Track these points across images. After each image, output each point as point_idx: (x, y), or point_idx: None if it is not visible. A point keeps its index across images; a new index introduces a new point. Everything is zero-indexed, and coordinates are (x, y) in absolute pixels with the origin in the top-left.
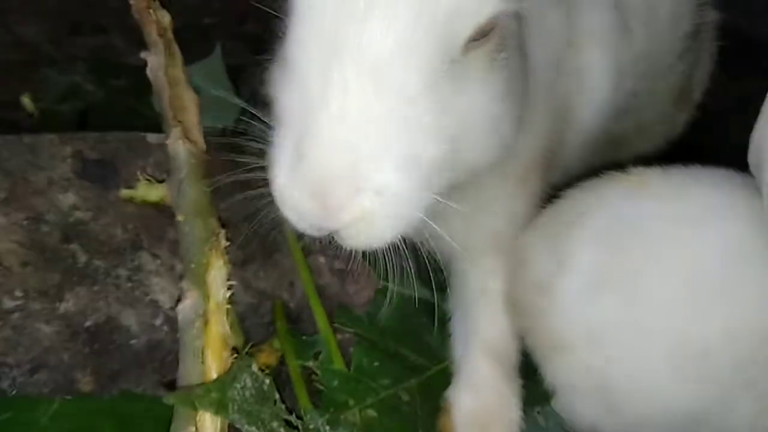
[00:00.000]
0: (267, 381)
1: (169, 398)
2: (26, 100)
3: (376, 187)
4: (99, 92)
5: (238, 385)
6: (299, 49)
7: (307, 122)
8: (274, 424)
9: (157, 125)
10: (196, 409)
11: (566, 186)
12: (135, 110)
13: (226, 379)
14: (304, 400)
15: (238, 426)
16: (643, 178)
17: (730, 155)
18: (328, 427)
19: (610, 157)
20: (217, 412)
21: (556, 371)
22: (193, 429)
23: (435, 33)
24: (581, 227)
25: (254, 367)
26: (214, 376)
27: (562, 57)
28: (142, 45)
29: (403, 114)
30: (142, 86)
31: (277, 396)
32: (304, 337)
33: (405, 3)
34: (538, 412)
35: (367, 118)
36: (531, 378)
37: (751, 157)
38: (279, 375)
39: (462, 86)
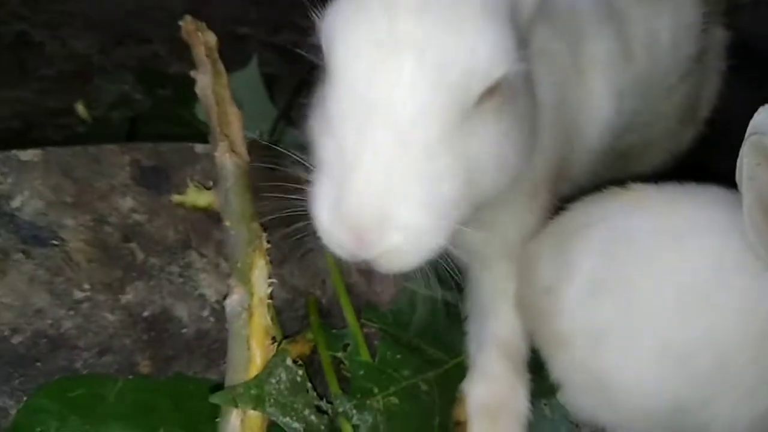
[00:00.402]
0: (300, 372)
1: (214, 398)
2: (80, 108)
3: (402, 225)
4: (147, 101)
5: (274, 380)
6: (337, 106)
7: (344, 171)
8: (306, 412)
9: (200, 132)
10: (237, 407)
11: (575, 197)
12: (181, 118)
13: (263, 375)
14: (334, 386)
15: (273, 418)
16: (640, 193)
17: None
18: (355, 411)
19: (618, 170)
20: (255, 408)
21: (559, 367)
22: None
23: (450, 97)
24: (583, 238)
25: (288, 361)
26: (258, 362)
27: (568, 83)
28: (184, 54)
29: (423, 164)
30: (187, 95)
31: (309, 385)
32: (334, 331)
33: (425, 74)
34: (545, 404)
35: (394, 170)
36: (539, 373)
37: (737, 177)
38: (311, 364)
39: (474, 131)
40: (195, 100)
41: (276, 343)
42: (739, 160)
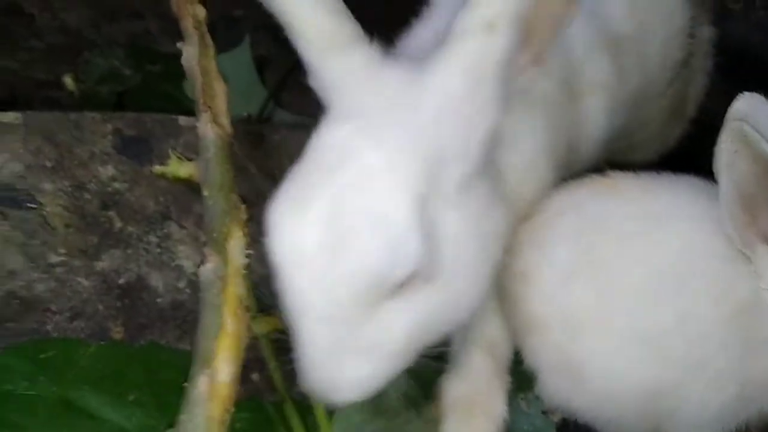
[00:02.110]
0: None
1: None
2: (68, 80)
3: (349, 387)
4: (136, 76)
5: None
6: (286, 305)
7: (300, 345)
8: None
9: (189, 109)
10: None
11: None
12: (169, 95)
13: None
14: None
15: None
16: (615, 181)
17: None
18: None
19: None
20: None
21: (533, 351)
22: (209, 371)
23: (360, 296)
24: (558, 223)
25: None
26: (230, 330)
27: (559, 113)
28: (176, 33)
29: (355, 341)
30: (177, 73)
31: None
32: None
33: (333, 283)
34: (522, 398)
35: (332, 350)
36: (516, 368)
37: (714, 164)
38: (286, 341)
39: (399, 304)
40: (184, 78)
41: (249, 313)
42: (717, 146)
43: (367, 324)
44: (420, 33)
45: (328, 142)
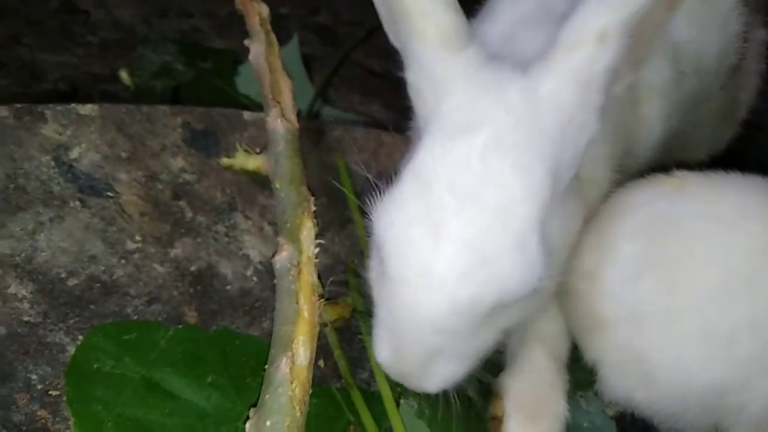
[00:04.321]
0: None
1: None
2: (124, 75)
3: (435, 381)
4: (188, 72)
5: None
6: (388, 291)
7: (397, 341)
8: None
9: (242, 104)
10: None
11: None
12: (222, 90)
13: None
14: (371, 351)
15: None
16: (683, 181)
17: None
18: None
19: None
20: None
21: (596, 348)
22: (290, 353)
23: (479, 316)
24: (626, 222)
25: None
26: (306, 315)
27: (621, 118)
28: (223, 30)
29: (456, 349)
30: (227, 69)
31: None
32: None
33: (457, 306)
34: (581, 396)
35: (433, 353)
36: (574, 366)
37: None
38: (349, 328)
39: (506, 312)
40: (235, 74)
41: (321, 300)
42: None
43: (474, 336)
44: (487, 30)
45: (454, 152)
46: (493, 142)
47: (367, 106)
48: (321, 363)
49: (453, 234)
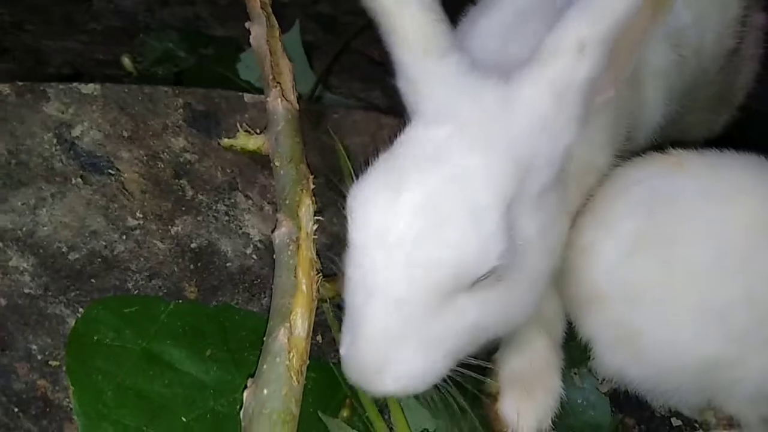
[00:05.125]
0: None
1: None
2: (126, 61)
3: (395, 377)
4: (190, 59)
5: None
6: (351, 273)
7: (354, 326)
8: None
9: (243, 89)
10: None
11: None
12: (223, 76)
13: None
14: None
15: None
16: (680, 158)
17: None
18: None
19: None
20: None
21: (590, 324)
22: (288, 325)
23: (438, 287)
24: (623, 198)
25: None
26: (304, 289)
27: (621, 100)
28: (224, 18)
29: (416, 330)
30: (228, 55)
31: None
32: None
33: (413, 270)
34: (575, 373)
35: (390, 334)
36: (569, 343)
37: None
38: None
39: (471, 302)
40: (237, 60)
41: (319, 275)
42: None
43: (437, 316)
44: (485, 24)
45: (424, 138)
46: (459, 131)
47: (367, 93)
48: (319, 338)
49: (412, 198)
